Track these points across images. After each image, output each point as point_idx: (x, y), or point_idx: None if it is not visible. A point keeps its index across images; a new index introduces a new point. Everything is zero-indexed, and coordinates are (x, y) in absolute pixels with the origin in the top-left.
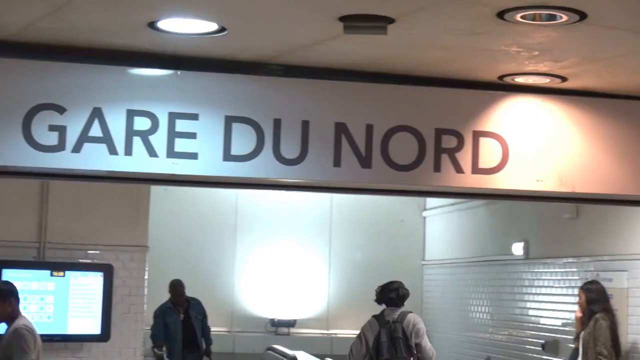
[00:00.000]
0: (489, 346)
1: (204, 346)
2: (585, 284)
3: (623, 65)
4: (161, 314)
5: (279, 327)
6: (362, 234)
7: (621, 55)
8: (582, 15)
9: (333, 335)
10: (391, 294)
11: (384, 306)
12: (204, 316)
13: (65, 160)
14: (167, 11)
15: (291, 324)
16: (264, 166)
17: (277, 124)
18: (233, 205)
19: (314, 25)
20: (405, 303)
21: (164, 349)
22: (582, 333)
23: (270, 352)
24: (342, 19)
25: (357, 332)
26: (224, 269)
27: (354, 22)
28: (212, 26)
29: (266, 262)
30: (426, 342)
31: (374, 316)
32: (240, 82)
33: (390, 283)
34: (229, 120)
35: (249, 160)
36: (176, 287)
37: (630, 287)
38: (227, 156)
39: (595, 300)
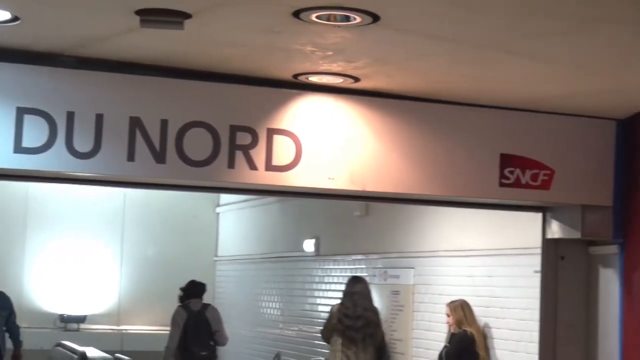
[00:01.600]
0: (280, 342)
1: (9, 347)
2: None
3: (413, 68)
4: None
5: (69, 323)
6: (155, 229)
7: (411, 58)
8: (375, 18)
9: (124, 331)
10: (196, 289)
11: (176, 302)
12: (10, 312)
13: None
14: None
15: (81, 319)
16: (56, 159)
17: (70, 116)
18: (23, 198)
19: (110, 17)
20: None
21: None
22: None
23: (59, 348)
24: (139, 12)
25: (149, 327)
26: (12, 262)
27: (150, 16)
28: (5, 15)
29: (56, 256)
30: (224, 329)
31: (181, 306)
32: (33, 74)
33: (194, 281)
34: (21, 112)
35: (41, 153)
36: None
37: (416, 283)
38: (18, 148)
39: (345, 294)
